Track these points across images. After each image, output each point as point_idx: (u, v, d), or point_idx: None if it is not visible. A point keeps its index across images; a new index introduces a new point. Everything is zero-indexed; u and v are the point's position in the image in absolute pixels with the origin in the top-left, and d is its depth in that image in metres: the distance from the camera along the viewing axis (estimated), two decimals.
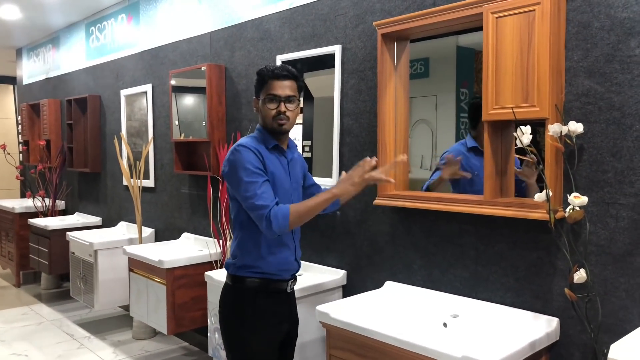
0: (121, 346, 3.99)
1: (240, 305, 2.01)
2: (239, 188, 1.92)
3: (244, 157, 1.92)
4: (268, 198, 1.89)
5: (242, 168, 1.91)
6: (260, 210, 1.87)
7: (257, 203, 1.87)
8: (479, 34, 2.14)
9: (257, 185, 1.89)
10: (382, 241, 2.65)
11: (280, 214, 1.86)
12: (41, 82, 6.46)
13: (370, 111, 2.68)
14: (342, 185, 1.95)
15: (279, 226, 1.86)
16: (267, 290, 2.03)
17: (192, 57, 3.91)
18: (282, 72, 1.99)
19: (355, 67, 2.75)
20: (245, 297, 2.01)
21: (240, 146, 1.96)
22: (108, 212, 5.13)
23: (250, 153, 1.93)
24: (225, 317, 2.07)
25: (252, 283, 2.01)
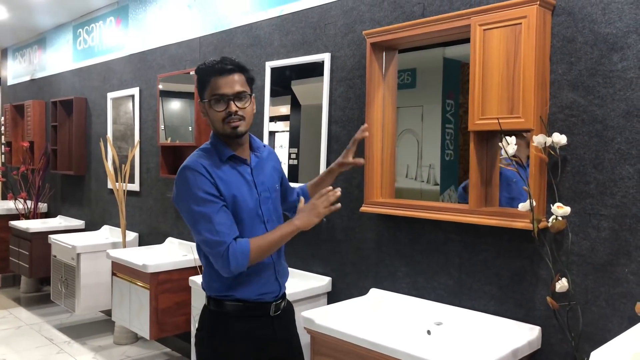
0: (102, 351, 3.94)
1: (214, 329, 1.80)
2: (190, 219, 1.68)
3: (191, 183, 1.66)
4: (225, 232, 1.64)
5: (191, 196, 1.65)
6: (216, 248, 1.64)
7: (212, 239, 1.64)
8: (466, 46, 2.18)
9: (210, 217, 1.64)
10: (367, 248, 2.66)
11: (239, 251, 1.64)
12: (26, 83, 6.39)
13: (358, 119, 2.70)
14: (306, 216, 1.74)
15: (238, 266, 1.65)
16: (243, 316, 1.79)
17: (180, 62, 3.90)
18: (225, 65, 1.69)
19: (344, 75, 2.77)
20: (220, 321, 1.79)
21: (187, 168, 1.69)
22: (91, 215, 5.08)
23: (199, 176, 1.66)
24: (198, 341, 1.87)
25: (228, 307, 1.78)
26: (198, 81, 1.75)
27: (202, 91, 1.73)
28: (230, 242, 1.64)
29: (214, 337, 1.80)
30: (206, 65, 1.73)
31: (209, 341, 1.81)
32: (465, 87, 2.52)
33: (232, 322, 1.78)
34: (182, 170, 1.70)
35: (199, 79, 1.74)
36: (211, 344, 1.80)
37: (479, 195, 2.14)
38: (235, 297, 1.77)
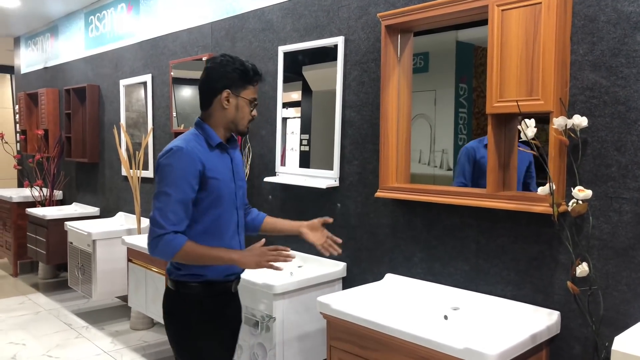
0: (119, 336, 3.99)
1: (186, 312, 1.89)
2: (157, 193, 1.78)
3: (177, 166, 1.77)
4: (171, 221, 1.74)
5: (170, 176, 1.76)
6: (156, 228, 1.74)
7: (159, 220, 1.74)
8: (479, 29, 2.14)
9: (171, 202, 1.74)
10: (382, 234, 2.65)
11: (171, 244, 1.74)
12: (39, 72, 6.42)
13: (372, 103, 2.67)
14: (248, 257, 1.82)
15: (161, 255, 1.76)
16: (211, 295, 1.91)
17: (192, 48, 3.88)
18: (260, 75, 1.94)
19: (358, 59, 2.74)
20: (192, 303, 1.89)
21: (179, 150, 1.78)
22: (106, 202, 5.11)
23: (189, 162, 1.78)
24: (173, 326, 1.93)
25: (196, 289, 1.88)
26: (240, 76, 1.85)
27: (241, 88, 1.86)
28: (169, 231, 1.74)
29: (187, 318, 1.89)
30: (253, 69, 1.89)
31: (183, 323, 1.89)
32: (478, 71, 2.48)
33: (201, 302, 1.89)
34: (175, 150, 1.79)
35: (244, 76, 1.86)
36: (186, 325, 1.89)
37: (497, 180, 2.11)
38: (205, 278, 1.88)
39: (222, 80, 1.85)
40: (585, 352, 1.93)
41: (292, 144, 3.17)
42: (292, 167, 3.13)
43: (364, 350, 2.08)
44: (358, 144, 2.75)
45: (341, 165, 2.83)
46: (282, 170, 3.17)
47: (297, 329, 2.61)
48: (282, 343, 2.55)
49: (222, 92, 1.85)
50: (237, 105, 1.87)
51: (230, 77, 1.85)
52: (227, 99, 1.86)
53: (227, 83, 1.85)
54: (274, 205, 3.26)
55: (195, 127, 1.91)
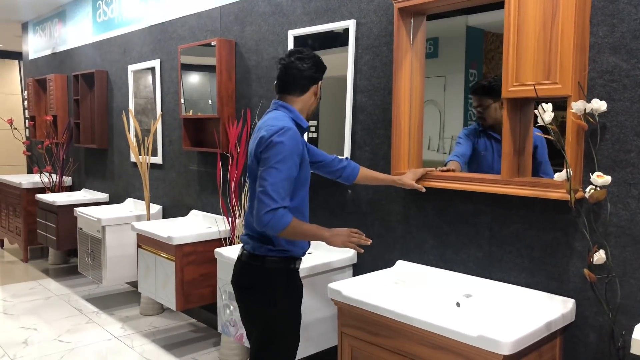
0: (129, 322, 4.01)
1: (274, 285, 2.02)
2: (268, 168, 1.87)
3: (288, 144, 1.88)
4: (284, 196, 1.86)
5: (282, 153, 1.87)
6: (270, 202, 1.83)
7: (272, 194, 1.84)
8: (489, 14, 2.09)
9: (283, 178, 1.86)
10: (394, 220, 2.62)
11: (284, 219, 1.85)
12: (47, 57, 6.40)
13: (384, 88, 2.63)
14: (337, 236, 1.97)
15: (273, 227, 1.85)
16: (295, 269, 2.10)
17: (201, 32, 3.85)
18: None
19: (369, 43, 2.69)
20: (280, 276, 2.03)
21: (290, 129, 1.91)
22: (115, 188, 5.12)
23: (297, 142, 1.91)
24: (256, 298, 2.04)
25: (282, 263, 2.03)
26: (321, 68, 2.10)
27: (319, 79, 2.10)
28: (281, 206, 1.85)
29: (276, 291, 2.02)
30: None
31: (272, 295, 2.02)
32: (488, 57, 2.43)
33: (291, 275, 2.09)
34: (286, 127, 1.90)
35: (323, 68, 2.11)
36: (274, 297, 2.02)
37: (512, 165, 2.07)
38: (290, 254, 2.04)
39: (320, 71, 2.09)
40: (601, 341, 1.90)
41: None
42: None
43: (376, 337, 2.07)
44: (369, 130, 2.71)
45: (352, 151, 2.80)
46: None
47: (308, 315, 2.60)
48: None
49: (319, 83, 2.09)
50: (311, 93, 2.08)
51: (323, 70, 2.10)
52: (316, 90, 2.09)
53: (321, 75, 2.10)
54: None
55: (282, 109, 2.03)
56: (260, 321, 2.04)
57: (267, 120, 1.99)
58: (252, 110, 3.43)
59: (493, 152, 2.34)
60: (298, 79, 2.04)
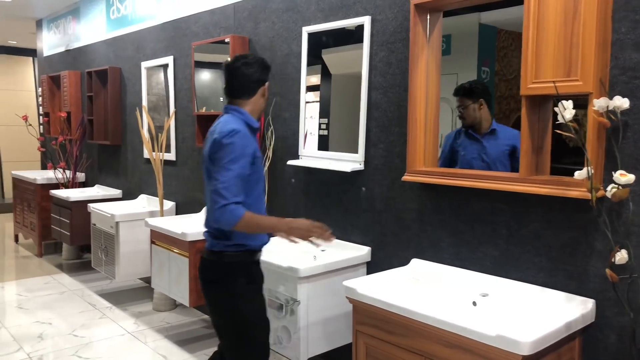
0: (142, 317, 4.03)
1: (233, 278, 2.10)
2: (220, 168, 1.96)
3: (239, 144, 1.98)
4: (234, 192, 1.94)
5: (233, 153, 1.96)
6: (221, 200, 1.92)
7: (223, 192, 1.93)
8: (502, 12, 2.07)
9: (234, 176, 1.95)
10: (408, 218, 2.60)
11: (235, 212, 1.93)
12: (61, 54, 6.44)
13: (400, 85, 2.61)
14: (296, 229, 2.04)
15: (227, 222, 1.94)
16: (253, 262, 2.17)
17: (215, 29, 3.84)
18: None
19: (385, 39, 2.67)
20: (239, 270, 2.11)
21: (240, 131, 2.01)
22: (128, 184, 5.14)
23: (247, 142, 2.01)
24: (219, 293, 2.12)
25: (240, 257, 2.11)
26: (266, 69, 2.19)
27: (265, 81, 2.19)
28: (231, 202, 1.93)
29: (237, 284, 2.10)
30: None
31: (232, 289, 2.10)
32: (501, 54, 2.42)
33: (251, 268, 2.16)
34: (236, 129, 2.00)
35: (268, 69, 2.20)
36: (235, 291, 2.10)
37: (530, 163, 2.05)
38: (246, 248, 2.11)
39: (265, 73, 2.18)
40: (621, 342, 1.87)
41: (310, 128, 3.14)
42: (314, 150, 3.09)
43: (391, 335, 2.05)
44: (384, 127, 2.69)
45: (366, 148, 2.78)
46: (306, 153, 3.13)
47: (321, 312, 2.60)
48: (306, 327, 2.53)
49: (265, 84, 2.18)
50: (260, 94, 2.17)
51: (268, 71, 2.19)
52: (267, 89, 2.20)
53: (267, 76, 2.19)
54: (297, 189, 3.23)
55: (232, 112, 2.12)
56: (226, 314, 2.13)
57: (219, 124, 2.08)
58: (266, 108, 3.41)
59: (472, 151, 2.42)
60: (246, 83, 2.13)
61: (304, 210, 3.19)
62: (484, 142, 2.38)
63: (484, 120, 2.38)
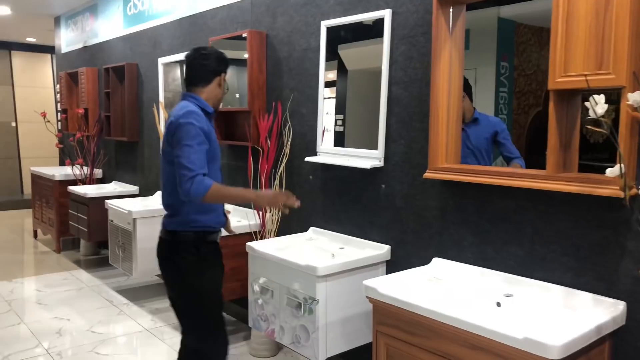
0: (159, 314, 4.03)
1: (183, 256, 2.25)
2: (182, 146, 2.09)
3: (195, 123, 2.13)
4: (199, 165, 2.07)
5: (190, 132, 2.10)
6: (188, 172, 2.05)
7: (188, 165, 2.05)
8: (522, 5, 2.02)
9: (195, 151, 2.08)
10: (430, 216, 2.55)
11: (204, 183, 2.05)
12: (79, 51, 6.47)
13: (421, 79, 2.55)
14: (266, 197, 2.24)
15: (195, 194, 2.05)
16: (205, 241, 2.28)
17: (232, 24, 3.81)
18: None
19: (406, 33, 2.61)
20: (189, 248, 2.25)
21: (194, 111, 2.17)
22: (145, 181, 5.14)
23: (202, 121, 2.16)
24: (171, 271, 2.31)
25: (191, 236, 2.24)
26: (223, 61, 2.34)
27: (221, 71, 2.34)
28: (199, 173, 2.06)
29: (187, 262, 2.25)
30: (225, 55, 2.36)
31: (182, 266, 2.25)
32: (520, 49, 2.36)
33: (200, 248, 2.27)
34: (190, 113, 2.16)
35: (225, 61, 2.35)
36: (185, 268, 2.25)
37: (558, 160, 1.98)
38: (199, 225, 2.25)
39: (222, 65, 2.33)
40: None
41: (327, 124, 3.10)
42: (332, 147, 3.05)
43: (413, 336, 2.01)
44: (405, 123, 2.64)
45: (386, 144, 2.73)
46: (324, 149, 3.08)
47: (340, 312, 2.56)
48: (324, 326, 2.50)
49: (222, 75, 2.33)
50: (216, 84, 2.32)
51: (225, 63, 2.35)
52: (223, 79, 2.34)
53: (224, 68, 2.34)
54: (315, 186, 3.19)
55: (189, 99, 2.28)
56: (176, 288, 2.31)
57: (175, 109, 2.23)
58: (283, 102, 3.38)
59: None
60: (202, 72, 2.30)
61: (322, 208, 3.14)
62: (467, 130, 2.47)
63: (467, 111, 2.47)
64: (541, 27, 2.21)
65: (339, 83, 3.08)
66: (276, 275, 2.73)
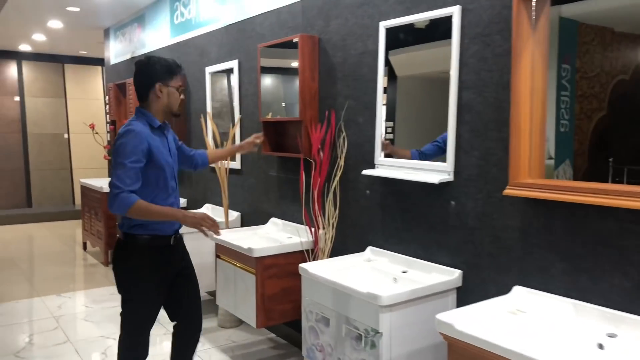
0: (207, 334, 3.84)
1: (131, 259, 2.34)
2: (115, 164, 2.20)
3: (131, 141, 2.19)
4: (126, 183, 2.15)
5: (124, 150, 2.18)
6: (113, 189, 2.16)
7: (116, 182, 2.15)
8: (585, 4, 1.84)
9: (126, 169, 2.16)
10: (509, 238, 2.24)
11: (125, 201, 2.14)
12: (127, 62, 6.46)
13: (497, 83, 2.25)
14: (190, 217, 2.27)
15: (120, 208, 2.15)
16: (154, 246, 2.35)
17: (281, 29, 3.61)
18: (180, 67, 2.42)
19: (478, 32, 2.32)
20: (137, 251, 2.33)
21: (133, 130, 2.22)
22: (193, 193, 5.01)
23: (140, 139, 2.21)
24: (119, 271, 2.40)
25: (142, 240, 2.32)
26: (165, 69, 2.34)
27: (169, 79, 2.34)
28: (124, 190, 2.15)
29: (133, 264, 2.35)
30: (172, 61, 2.39)
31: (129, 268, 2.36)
32: (582, 50, 2.09)
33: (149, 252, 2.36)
34: (129, 129, 2.23)
35: (167, 69, 2.34)
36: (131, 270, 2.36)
37: None
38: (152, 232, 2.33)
39: (154, 76, 2.32)
40: None
41: (376, 131, 2.87)
42: (393, 159, 2.78)
43: None
44: (478, 132, 2.34)
45: (456, 155, 2.44)
46: (383, 162, 2.82)
47: (406, 345, 2.28)
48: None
49: (156, 85, 2.32)
50: (165, 93, 2.33)
51: (159, 72, 2.32)
52: (160, 90, 2.33)
53: (157, 78, 2.32)
54: (372, 201, 2.93)
55: (138, 114, 2.35)
56: (122, 290, 2.41)
57: (123, 126, 2.31)
58: (337, 111, 3.14)
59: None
60: (138, 89, 2.38)
61: (381, 226, 2.88)
62: None
63: None
64: (604, 26, 2.01)
65: (389, 90, 2.85)
66: (333, 301, 2.48)
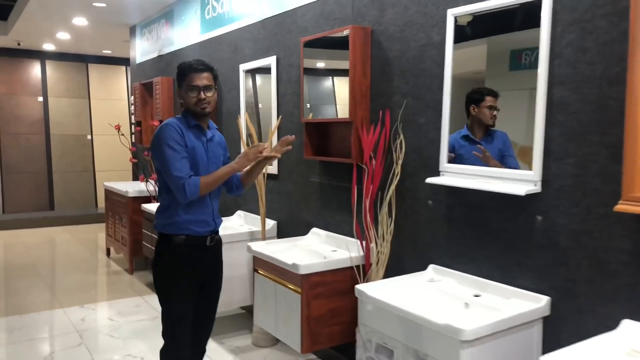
0: (241, 354, 3.53)
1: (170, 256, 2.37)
2: (162, 159, 2.29)
3: (167, 134, 2.29)
4: (184, 171, 2.26)
5: (166, 143, 2.27)
6: (178, 181, 2.25)
7: (175, 174, 2.25)
8: None
9: (176, 159, 2.26)
10: (614, 261, 1.87)
11: (194, 182, 2.26)
12: (153, 60, 6.20)
13: (601, 77, 1.89)
14: (240, 160, 2.37)
15: (192, 192, 2.26)
16: (186, 244, 2.36)
17: (327, 22, 3.28)
18: (199, 65, 2.36)
19: (576, 17, 1.97)
20: (175, 250, 2.36)
21: (166, 124, 2.33)
22: (224, 199, 4.66)
23: (174, 130, 2.30)
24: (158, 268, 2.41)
25: (178, 240, 2.35)
26: (177, 74, 2.40)
27: (182, 81, 2.39)
28: (186, 177, 2.26)
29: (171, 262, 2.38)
30: (186, 64, 2.39)
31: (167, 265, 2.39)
32: None
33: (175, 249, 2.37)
34: (162, 125, 2.34)
35: (178, 72, 2.39)
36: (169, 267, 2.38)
37: None
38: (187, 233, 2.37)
39: (178, 79, 2.41)
40: None
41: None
42: (463, 165, 2.43)
43: None
44: (574, 135, 1.99)
45: (544, 163, 2.09)
46: (450, 168, 2.47)
47: None
48: None
49: (181, 89, 2.41)
50: (183, 95, 2.40)
51: (178, 75, 2.41)
52: (179, 94, 2.43)
53: (178, 80, 2.42)
54: (436, 214, 2.58)
55: (181, 114, 2.45)
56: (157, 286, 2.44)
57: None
58: (393, 111, 2.80)
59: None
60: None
61: (446, 241, 2.53)
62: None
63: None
64: None
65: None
66: (398, 331, 2.14)
